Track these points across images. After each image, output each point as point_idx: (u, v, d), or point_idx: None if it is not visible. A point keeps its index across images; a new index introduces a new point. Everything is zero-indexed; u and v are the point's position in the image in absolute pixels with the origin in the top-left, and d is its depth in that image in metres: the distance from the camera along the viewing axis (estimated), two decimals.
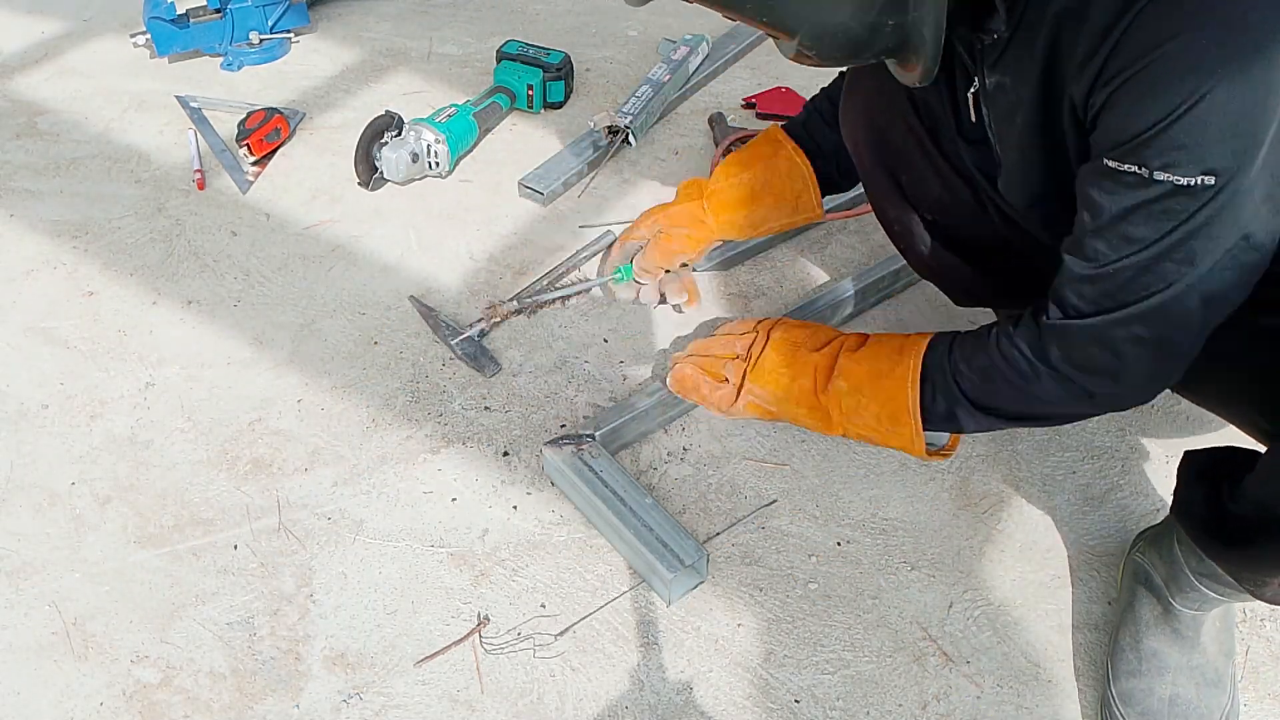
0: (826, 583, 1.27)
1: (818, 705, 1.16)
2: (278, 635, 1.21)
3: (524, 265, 1.73)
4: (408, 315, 1.63)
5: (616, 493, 1.28)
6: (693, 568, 1.23)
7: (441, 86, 2.18)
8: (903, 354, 1.17)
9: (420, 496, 1.36)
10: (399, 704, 1.15)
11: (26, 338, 1.59)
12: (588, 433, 1.37)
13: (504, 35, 2.23)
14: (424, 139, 1.86)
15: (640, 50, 2.31)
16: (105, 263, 1.73)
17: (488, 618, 1.23)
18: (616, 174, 1.94)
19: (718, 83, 2.21)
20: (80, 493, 1.37)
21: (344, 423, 1.46)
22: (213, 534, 1.32)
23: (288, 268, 1.72)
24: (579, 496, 1.32)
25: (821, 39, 0.93)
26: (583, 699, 1.16)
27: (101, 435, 1.44)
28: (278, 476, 1.39)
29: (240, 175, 1.91)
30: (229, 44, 2.23)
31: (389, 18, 2.43)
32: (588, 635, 1.22)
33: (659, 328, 1.61)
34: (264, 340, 1.59)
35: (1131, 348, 0.95)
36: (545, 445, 1.36)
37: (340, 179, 1.91)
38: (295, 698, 1.16)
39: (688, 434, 1.45)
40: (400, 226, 1.81)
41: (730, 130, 1.99)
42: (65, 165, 1.95)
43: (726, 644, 1.21)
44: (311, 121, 2.07)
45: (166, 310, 1.64)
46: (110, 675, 1.17)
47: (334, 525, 1.33)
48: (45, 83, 2.18)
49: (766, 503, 1.36)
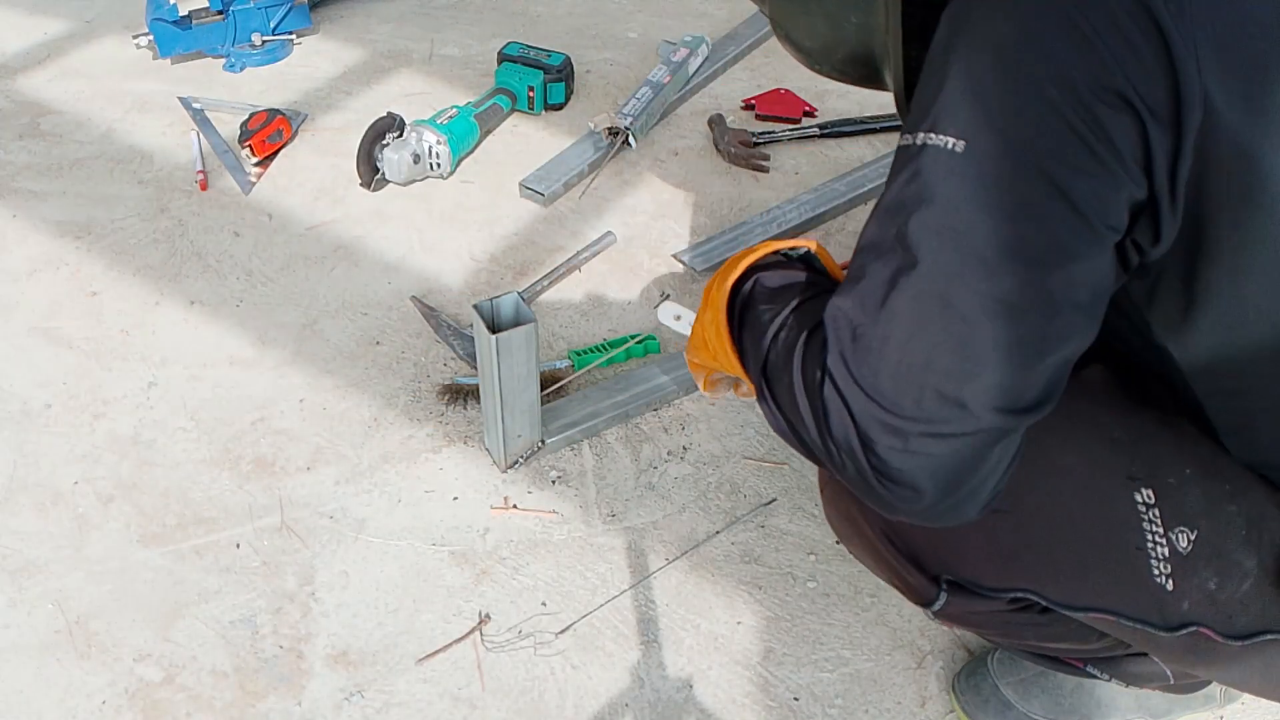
0: (825, 581, 1.28)
1: (817, 703, 1.16)
2: (280, 633, 1.22)
3: (525, 265, 1.74)
4: (409, 315, 1.64)
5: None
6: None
7: (443, 88, 2.19)
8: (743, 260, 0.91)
9: (422, 495, 1.37)
10: (401, 702, 1.16)
11: (30, 338, 1.60)
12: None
13: (505, 37, 2.24)
14: (425, 140, 1.87)
15: (640, 52, 2.32)
16: (108, 263, 1.73)
17: (489, 616, 1.24)
18: (617, 175, 1.95)
19: (717, 84, 2.22)
20: (83, 492, 1.37)
21: (346, 422, 1.47)
22: (215, 533, 1.32)
23: (290, 268, 1.73)
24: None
25: (783, 15, 0.92)
26: (583, 696, 1.17)
27: (104, 435, 1.45)
28: (280, 475, 1.39)
29: (243, 176, 1.92)
30: (231, 45, 2.24)
31: (390, 19, 2.44)
32: (588, 633, 1.22)
33: (661, 328, 1.61)
34: (266, 340, 1.60)
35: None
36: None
37: (342, 180, 1.92)
38: (297, 696, 1.16)
39: (688, 433, 1.45)
40: (402, 227, 1.82)
41: (730, 131, 2.00)
42: (68, 166, 1.95)
43: (726, 642, 1.22)
44: (313, 123, 2.08)
45: (169, 310, 1.65)
46: (113, 674, 1.18)
47: (336, 524, 1.34)
48: (48, 84, 2.19)
49: (766, 501, 1.37)
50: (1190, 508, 0.81)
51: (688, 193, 1.91)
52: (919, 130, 0.70)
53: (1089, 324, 0.70)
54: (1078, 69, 0.65)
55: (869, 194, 1.88)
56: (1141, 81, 0.64)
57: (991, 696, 1.12)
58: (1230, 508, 0.81)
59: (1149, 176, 0.67)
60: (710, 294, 0.92)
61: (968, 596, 0.88)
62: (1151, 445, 0.83)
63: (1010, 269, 0.66)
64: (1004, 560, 0.85)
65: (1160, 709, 1.11)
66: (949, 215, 0.67)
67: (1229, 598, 0.80)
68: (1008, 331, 0.66)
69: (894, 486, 0.70)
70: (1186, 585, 0.80)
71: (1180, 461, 0.82)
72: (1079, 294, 0.68)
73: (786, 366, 0.77)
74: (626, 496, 1.37)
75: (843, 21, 0.88)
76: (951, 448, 0.68)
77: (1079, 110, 0.65)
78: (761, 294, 0.86)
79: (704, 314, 0.93)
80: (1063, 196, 0.66)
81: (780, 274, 0.87)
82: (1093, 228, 0.67)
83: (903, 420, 0.67)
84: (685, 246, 1.77)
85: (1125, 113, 0.65)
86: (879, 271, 0.70)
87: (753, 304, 0.86)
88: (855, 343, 0.70)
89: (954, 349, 0.67)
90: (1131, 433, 0.84)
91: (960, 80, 0.68)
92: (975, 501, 0.72)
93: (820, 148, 2.02)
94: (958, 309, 0.67)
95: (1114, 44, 0.64)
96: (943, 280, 0.67)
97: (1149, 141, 0.65)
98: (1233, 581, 0.80)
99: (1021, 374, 0.67)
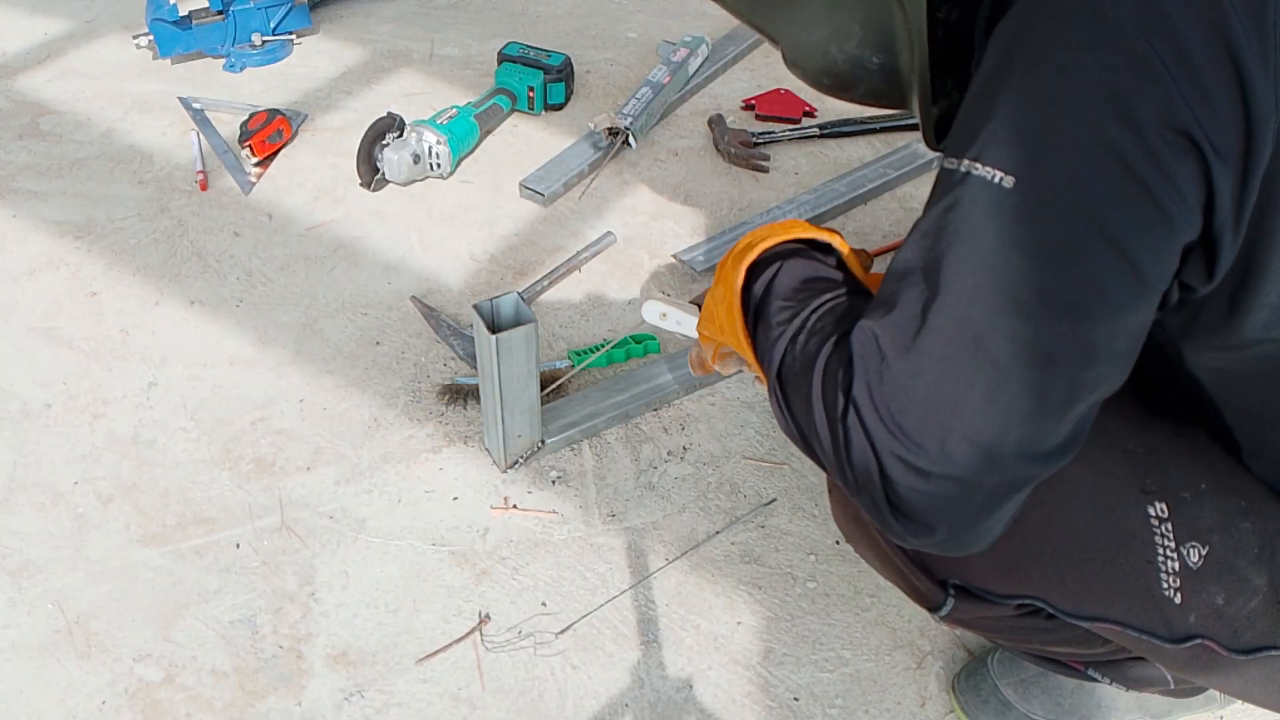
0: (825, 581, 1.28)
1: (816, 703, 1.16)
2: (280, 634, 1.22)
3: (525, 265, 1.74)
4: (409, 315, 1.64)
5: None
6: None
7: (443, 88, 2.19)
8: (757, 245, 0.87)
9: (422, 495, 1.37)
10: (400, 702, 1.16)
11: (30, 338, 1.60)
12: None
13: (505, 37, 2.24)
14: (425, 140, 1.87)
15: (640, 52, 2.32)
16: (108, 263, 1.73)
17: (489, 616, 1.24)
18: (617, 175, 1.95)
19: (717, 84, 2.22)
20: (83, 492, 1.37)
21: (346, 422, 1.47)
22: (215, 533, 1.32)
23: (290, 268, 1.73)
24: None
25: (800, 55, 0.88)
26: (583, 696, 1.17)
27: (104, 435, 1.45)
28: (280, 476, 1.39)
29: (243, 176, 1.92)
30: (231, 45, 2.24)
31: (390, 20, 2.44)
32: (588, 633, 1.22)
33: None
34: (266, 340, 1.60)
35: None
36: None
37: (342, 180, 1.92)
38: (297, 696, 1.16)
39: (688, 433, 1.45)
40: (402, 227, 1.82)
41: (730, 131, 2.00)
42: (68, 166, 1.95)
43: (726, 642, 1.22)
44: (313, 123, 2.08)
45: (169, 310, 1.65)
46: (113, 674, 1.18)
47: (336, 524, 1.34)
48: (48, 84, 2.19)
49: (766, 501, 1.37)
50: (1203, 523, 0.80)
51: (688, 193, 1.91)
52: (964, 156, 0.66)
53: (1124, 371, 0.68)
54: (1142, 106, 0.61)
55: (869, 194, 1.88)
56: (1209, 121, 0.60)
57: (991, 697, 1.12)
58: (1244, 524, 0.80)
59: (1209, 219, 0.63)
60: (725, 270, 0.89)
61: (975, 602, 0.87)
62: (1166, 458, 0.82)
63: (1050, 317, 0.63)
64: (1013, 568, 0.84)
65: (1161, 709, 1.11)
66: (989, 254, 0.64)
67: (1236, 613, 0.79)
68: (1040, 380, 0.64)
69: (907, 522, 0.68)
70: (1195, 600, 0.80)
71: (1195, 475, 0.81)
72: (1118, 344, 0.66)
73: (805, 377, 0.74)
74: (626, 496, 1.37)
75: (865, 63, 0.83)
76: (970, 492, 0.66)
77: (1141, 152, 0.61)
78: (781, 287, 0.83)
79: (716, 289, 0.90)
80: (1114, 245, 0.62)
81: (803, 265, 0.83)
82: (1143, 279, 0.64)
83: (926, 460, 0.65)
84: (685, 246, 1.77)
85: (1190, 155, 0.61)
86: (912, 302, 0.67)
87: (770, 296, 0.83)
88: (883, 375, 0.67)
89: (984, 394, 0.64)
90: (1146, 444, 0.83)
91: (1013, 108, 0.64)
92: (986, 539, 0.71)
93: (820, 148, 2.02)
94: (990, 353, 0.64)
95: (1183, 80, 0.60)
96: (978, 322, 0.64)
97: (1213, 185, 0.62)
98: (1241, 597, 0.79)
99: (1050, 422, 0.65)
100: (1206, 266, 0.66)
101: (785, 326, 0.79)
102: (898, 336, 0.67)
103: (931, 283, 0.66)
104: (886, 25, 0.79)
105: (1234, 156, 0.61)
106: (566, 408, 1.45)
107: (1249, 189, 0.62)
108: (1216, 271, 0.66)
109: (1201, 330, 0.73)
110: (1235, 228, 0.64)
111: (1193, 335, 0.74)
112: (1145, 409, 0.85)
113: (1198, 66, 0.60)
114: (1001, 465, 0.65)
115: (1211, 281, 0.67)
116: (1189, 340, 0.75)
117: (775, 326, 0.80)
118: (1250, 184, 0.62)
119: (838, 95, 0.91)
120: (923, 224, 0.69)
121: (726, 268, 0.89)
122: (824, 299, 0.79)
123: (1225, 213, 0.63)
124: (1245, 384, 0.78)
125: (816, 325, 0.77)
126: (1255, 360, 0.74)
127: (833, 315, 0.77)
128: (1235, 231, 0.64)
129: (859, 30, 0.82)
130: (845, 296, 0.79)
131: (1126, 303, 0.65)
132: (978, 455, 0.65)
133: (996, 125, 0.65)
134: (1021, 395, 0.64)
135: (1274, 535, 0.80)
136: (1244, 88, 0.60)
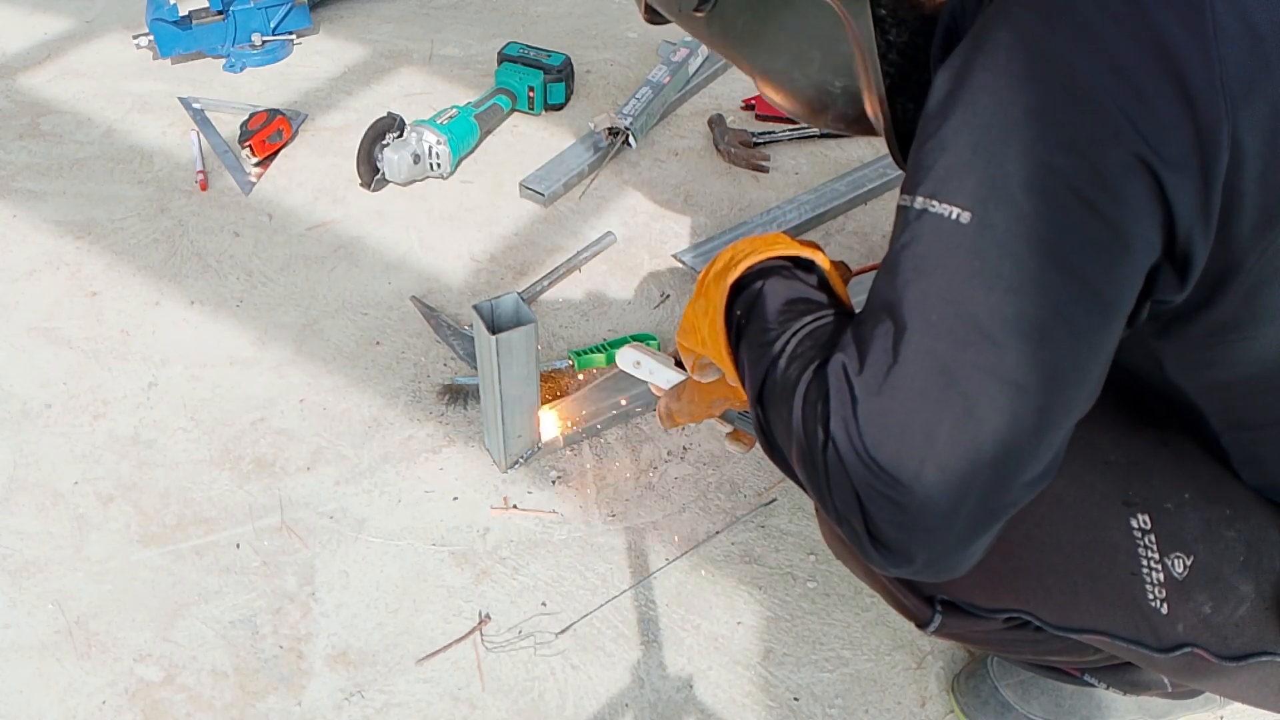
0: (826, 581, 1.28)
1: (816, 703, 1.16)
2: (280, 634, 1.22)
3: (525, 266, 1.74)
4: (409, 315, 1.64)
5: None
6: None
7: (443, 88, 2.19)
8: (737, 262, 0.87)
9: (422, 495, 1.37)
10: (400, 702, 1.16)
11: (30, 338, 1.60)
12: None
13: (505, 37, 2.24)
14: (425, 140, 1.87)
15: (640, 52, 2.32)
16: (108, 263, 1.73)
17: (489, 616, 1.24)
18: (617, 175, 1.95)
19: (717, 84, 2.22)
20: (83, 492, 1.37)
21: (346, 422, 1.47)
22: (215, 533, 1.32)
23: (290, 268, 1.73)
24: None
25: (769, 83, 0.90)
26: (583, 696, 1.17)
27: (104, 435, 1.45)
28: (280, 476, 1.39)
29: (243, 176, 1.92)
30: (231, 46, 2.24)
31: (391, 20, 2.44)
32: (588, 633, 1.22)
33: (659, 327, 1.62)
34: (266, 340, 1.60)
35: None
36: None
37: (342, 180, 1.92)
38: (297, 696, 1.16)
39: (688, 433, 1.45)
40: (402, 227, 1.82)
41: (730, 131, 2.00)
42: (68, 166, 1.95)
43: (726, 642, 1.22)
44: (313, 123, 2.08)
45: (169, 310, 1.65)
46: (113, 674, 1.18)
47: (336, 524, 1.34)
48: (48, 84, 2.19)
49: (766, 501, 1.37)
50: (1187, 533, 0.80)
51: (688, 193, 1.91)
52: (917, 194, 0.67)
53: (1093, 393, 0.68)
54: (1083, 131, 0.61)
55: (869, 194, 1.88)
56: (1156, 135, 0.60)
57: (991, 698, 1.12)
58: (1229, 533, 0.80)
59: (1172, 233, 0.63)
60: (706, 286, 0.90)
61: (963, 617, 0.87)
62: (1150, 469, 0.82)
63: (1015, 347, 0.63)
64: (998, 582, 0.84)
65: (1160, 710, 1.11)
66: (952, 288, 0.64)
67: (1224, 621, 0.79)
68: (1010, 408, 0.64)
69: (887, 552, 0.68)
70: (1182, 610, 0.79)
71: (1179, 485, 0.81)
72: (1086, 367, 0.66)
73: (786, 404, 0.74)
74: (626, 496, 1.37)
75: (828, 87, 0.86)
76: (948, 521, 0.66)
77: (1088, 177, 0.61)
78: (763, 308, 0.83)
79: (697, 302, 0.91)
80: (1071, 270, 0.63)
81: (785, 285, 0.84)
82: (1104, 301, 0.64)
83: (902, 493, 0.65)
84: (685, 246, 1.77)
85: (1139, 173, 0.61)
86: (881, 337, 0.67)
87: (754, 315, 0.83)
88: (857, 411, 0.67)
89: (954, 425, 0.64)
90: (1129, 456, 0.83)
91: (963, 143, 0.65)
92: (966, 565, 0.70)
93: (820, 148, 2.02)
94: (959, 384, 0.64)
95: (1123, 99, 0.60)
96: (945, 354, 0.64)
97: (1169, 199, 0.62)
98: (1229, 606, 0.79)
99: (1023, 449, 0.65)
100: (1179, 277, 0.66)
101: (767, 349, 0.78)
102: (869, 373, 0.67)
103: (898, 319, 0.66)
104: (842, 49, 0.81)
105: (1189, 165, 0.61)
106: (566, 408, 1.45)
107: (1211, 195, 0.62)
108: (1189, 281, 0.66)
109: (1177, 338, 0.73)
110: (1204, 233, 0.64)
111: (1170, 343, 0.74)
112: (1127, 416, 0.85)
113: (1138, 82, 0.60)
114: (976, 494, 0.65)
115: (1184, 290, 0.67)
116: (1167, 350, 0.75)
117: (757, 348, 0.80)
118: (1212, 189, 0.62)
119: (812, 122, 0.92)
120: (888, 260, 0.70)
121: (708, 284, 0.89)
122: (805, 321, 0.79)
123: (1190, 221, 0.63)
124: (1227, 392, 0.77)
125: (797, 350, 0.76)
126: (1234, 367, 0.74)
127: (813, 340, 0.77)
128: (1205, 237, 0.64)
129: (818, 55, 0.84)
130: (826, 319, 0.79)
131: (1089, 326, 0.65)
132: (952, 485, 0.65)
133: (950, 160, 0.65)
134: (992, 424, 0.64)
135: (1260, 541, 0.80)
136: (1189, 95, 0.60)
